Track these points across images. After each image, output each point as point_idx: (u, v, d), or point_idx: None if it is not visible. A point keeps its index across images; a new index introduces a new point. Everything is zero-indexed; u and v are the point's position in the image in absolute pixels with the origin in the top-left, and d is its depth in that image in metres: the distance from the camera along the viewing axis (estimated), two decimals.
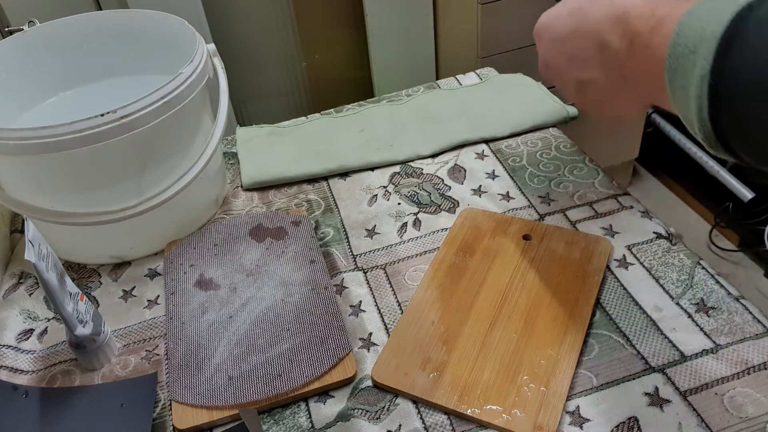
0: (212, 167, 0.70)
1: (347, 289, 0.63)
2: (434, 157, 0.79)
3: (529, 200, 0.71)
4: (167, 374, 0.56)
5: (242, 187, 0.77)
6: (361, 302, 0.61)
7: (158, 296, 0.64)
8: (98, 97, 0.76)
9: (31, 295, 0.66)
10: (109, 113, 0.57)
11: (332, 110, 0.89)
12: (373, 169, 0.78)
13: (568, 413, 0.50)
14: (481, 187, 0.73)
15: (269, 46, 1.51)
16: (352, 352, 0.56)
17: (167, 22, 0.72)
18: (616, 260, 0.62)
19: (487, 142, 0.80)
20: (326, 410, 0.52)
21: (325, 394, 0.53)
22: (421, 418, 0.51)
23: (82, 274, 0.68)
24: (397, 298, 0.61)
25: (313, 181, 0.77)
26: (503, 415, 0.49)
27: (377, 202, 0.73)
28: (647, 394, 0.50)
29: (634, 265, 0.61)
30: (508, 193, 0.72)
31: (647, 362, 0.52)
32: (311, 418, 0.52)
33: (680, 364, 0.52)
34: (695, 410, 0.49)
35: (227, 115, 0.69)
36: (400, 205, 0.72)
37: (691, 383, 0.51)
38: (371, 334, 0.58)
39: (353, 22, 1.52)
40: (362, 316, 0.60)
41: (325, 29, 1.53)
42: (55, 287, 0.52)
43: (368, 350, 0.56)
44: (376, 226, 0.69)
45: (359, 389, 0.53)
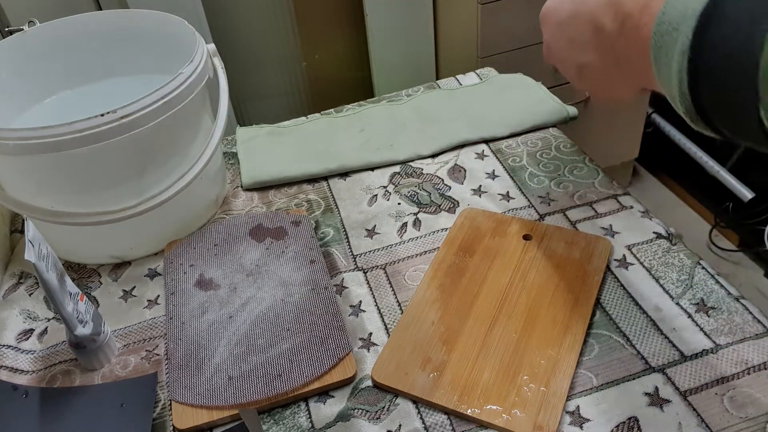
0: (212, 167, 0.70)
1: (347, 289, 0.63)
2: (434, 157, 0.79)
3: (529, 200, 0.71)
4: (167, 374, 0.56)
5: (242, 187, 0.77)
6: (361, 302, 0.61)
7: (158, 296, 0.64)
8: (98, 97, 0.76)
9: (31, 295, 0.66)
10: (109, 113, 0.57)
11: (332, 110, 0.89)
12: (373, 169, 0.78)
13: (568, 413, 0.50)
14: (481, 187, 0.73)
15: (269, 46, 1.51)
16: (352, 352, 0.56)
17: (167, 22, 0.72)
18: (616, 260, 0.62)
19: (487, 142, 0.80)
20: (326, 410, 0.52)
21: (325, 394, 0.53)
22: (421, 418, 0.51)
23: (82, 274, 0.68)
24: (397, 298, 0.61)
25: (313, 181, 0.77)
26: (503, 415, 0.49)
27: (377, 202, 0.73)
28: (647, 394, 0.50)
29: (634, 265, 0.61)
30: (508, 193, 0.72)
31: (647, 362, 0.52)
32: (311, 418, 0.52)
33: (680, 364, 0.52)
34: (695, 410, 0.49)
35: (227, 115, 0.69)
36: (400, 205, 0.72)
37: (691, 383, 0.51)
38: (371, 334, 0.58)
39: (353, 22, 1.52)
40: (362, 316, 0.60)
41: (325, 29, 1.53)
42: (55, 287, 0.52)
43: (368, 350, 0.56)
44: (376, 226, 0.69)
45: (359, 389, 0.53)
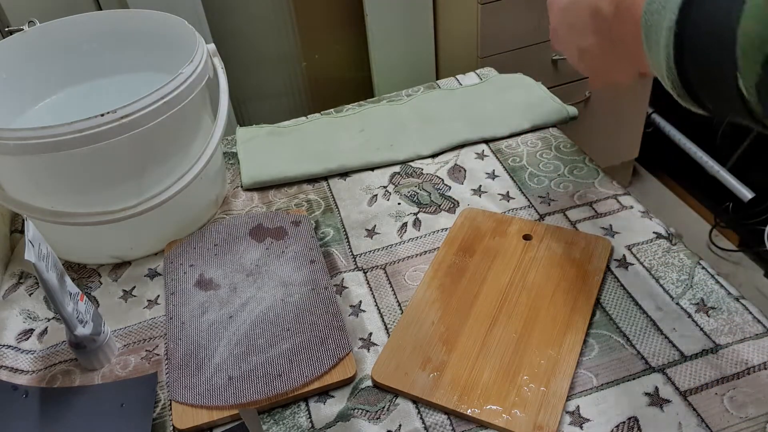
0: (212, 167, 0.70)
1: (347, 289, 0.63)
2: (434, 157, 0.79)
3: (529, 200, 0.71)
4: (167, 374, 0.56)
5: (242, 187, 0.77)
6: (361, 302, 0.61)
7: (158, 296, 0.64)
8: (98, 96, 0.76)
9: (31, 295, 0.66)
10: (109, 113, 0.57)
11: (332, 110, 0.89)
12: (373, 169, 0.78)
13: (568, 413, 0.50)
14: (481, 187, 0.73)
15: (269, 46, 1.51)
16: (352, 352, 0.56)
17: (167, 22, 0.72)
18: (616, 260, 0.62)
19: (487, 142, 0.80)
20: (326, 410, 0.52)
21: (325, 394, 0.53)
22: (421, 418, 0.51)
23: (82, 274, 0.68)
24: (397, 298, 0.61)
25: (313, 181, 0.77)
26: (503, 415, 0.49)
27: (377, 202, 0.73)
28: (647, 394, 0.50)
29: (634, 265, 0.61)
30: (508, 193, 0.72)
31: (647, 362, 0.52)
32: (311, 418, 0.52)
33: (680, 364, 0.52)
34: (695, 410, 0.49)
35: (227, 115, 0.69)
36: (400, 205, 0.72)
37: (691, 383, 0.51)
38: (371, 334, 0.58)
39: (353, 22, 1.52)
40: (362, 316, 0.60)
41: (325, 29, 1.53)
42: (55, 287, 0.52)
43: (368, 350, 0.56)
44: (376, 226, 0.69)
45: (359, 389, 0.53)
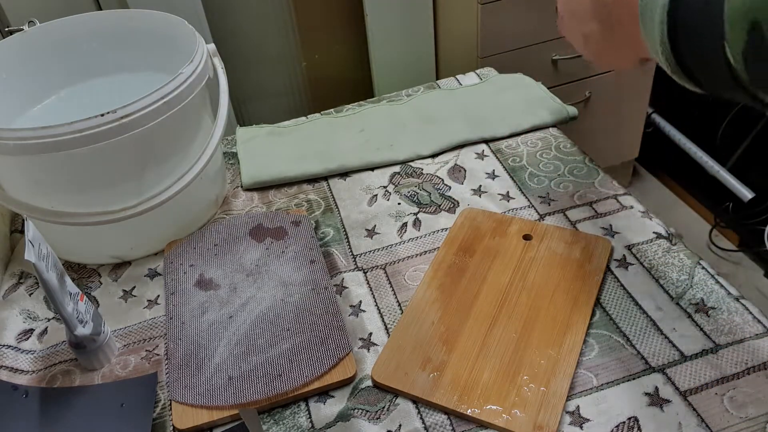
0: (212, 167, 0.70)
1: (347, 289, 0.63)
2: (434, 157, 0.79)
3: (529, 200, 0.71)
4: (167, 374, 0.56)
5: (242, 187, 0.77)
6: (361, 302, 0.61)
7: (158, 296, 0.64)
8: (98, 96, 0.76)
9: (31, 295, 0.66)
10: (109, 113, 0.57)
11: (332, 110, 0.89)
12: (373, 169, 0.78)
13: (568, 413, 0.50)
14: (481, 187, 0.73)
15: (269, 46, 1.51)
16: (352, 352, 0.56)
17: (167, 21, 0.72)
18: (616, 260, 0.62)
19: (487, 142, 0.80)
20: (326, 410, 0.52)
21: (325, 394, 0.53)
22: (421, 418, 0.51)
23: (82, 274, 0.68)
24: (397, 298, 0.61)
25: (313, 181, 0.77)
26: (503, 415, 0.49)
27: (377, 202, 0.73)
28: (647, 394, 0.50)
29: (634, 265, 0.61)
30: (508, 193, 0.72)
31: (647, 362, 0.52)
32: (311, 418, 0.52)
33: (680, 364, 0.52)
34: (695, 410, 0.49)
35: (227, 115, 0.69)
36: (400, 205, 0.72)
37: (691, 383, 0.51)
38: (371, 334, 0.58)
39: (353, 22, 1.52)
40: (362, 316, 0.60)
41: (325, 29, 1.53)
42: (55, 287, 0.52)
43: (368, 350, 0.56)
44: (376, 226, 0.69)
45: (359, 389, 0.53)
